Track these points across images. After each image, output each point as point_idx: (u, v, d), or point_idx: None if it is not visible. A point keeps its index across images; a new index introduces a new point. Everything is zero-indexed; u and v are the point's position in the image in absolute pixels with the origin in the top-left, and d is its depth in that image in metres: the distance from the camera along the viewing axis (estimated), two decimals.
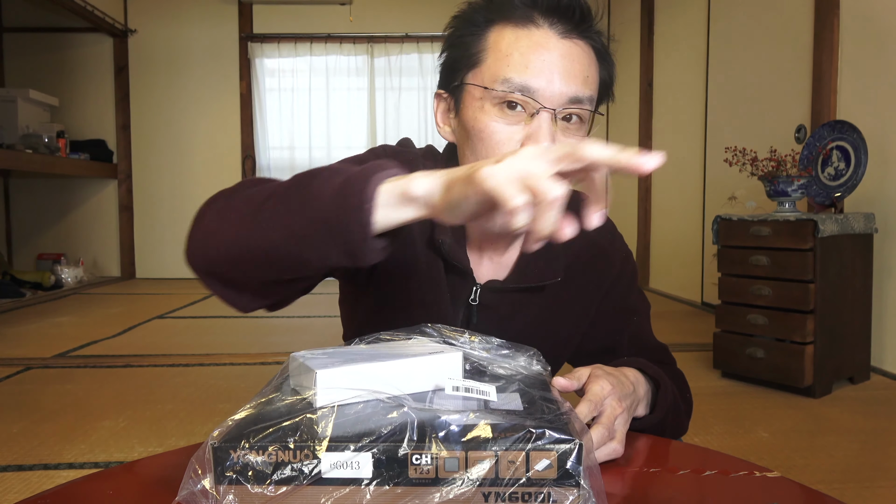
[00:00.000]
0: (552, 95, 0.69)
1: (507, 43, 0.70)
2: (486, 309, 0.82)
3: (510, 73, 0.69)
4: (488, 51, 0.71)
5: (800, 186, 2.51)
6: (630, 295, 0.89)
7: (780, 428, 2.08)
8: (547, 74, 0.69)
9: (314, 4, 5.85)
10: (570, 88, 0.70)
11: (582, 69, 0.71)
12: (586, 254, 0.85)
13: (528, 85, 0.69)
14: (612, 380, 0.66)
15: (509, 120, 0.70)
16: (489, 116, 0.70)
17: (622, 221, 5.75)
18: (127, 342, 3.38)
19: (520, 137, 0.70)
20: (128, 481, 0.61)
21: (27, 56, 5.81)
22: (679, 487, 0.58)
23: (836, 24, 2.99)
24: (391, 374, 0.58)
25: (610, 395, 0.64)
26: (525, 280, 0.81)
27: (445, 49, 0.76)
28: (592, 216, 0.49)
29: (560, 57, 0.70)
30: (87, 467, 1.78)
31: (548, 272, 0.81)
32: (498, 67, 0.70)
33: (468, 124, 0.73)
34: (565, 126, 0.71)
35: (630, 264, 0.90)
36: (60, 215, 5.95)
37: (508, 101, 0.70)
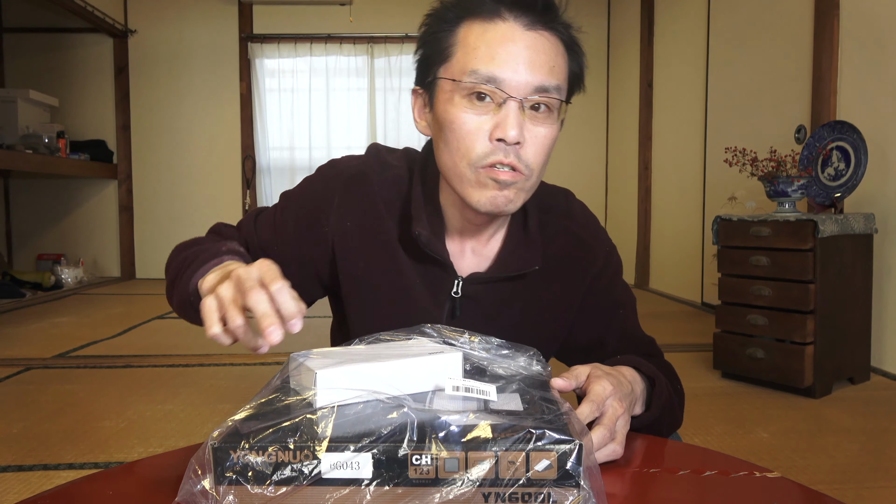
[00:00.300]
0: (518, 85, 0.71)
1: (474, 37, 0.72)
2: (470, 301, 0.83)
3: (477, 64, 0.71)
4: (458, 45, 0.74)
5: (800, 187, 2.51)
6: (615, 288, 0.90)
7: (780, 428, 2.08)
8: (512, 65, 0.71)
9: (314, 5, 5.85)
10: (535, 78, 0.72)
11: (548, 59, 0.73)
12: (567, 245, 0.86)
13: (495, 75, 0.71)
14: (613, 380, 0.67)
15: (478, 111, 0.72)
16: (459, 108, 0.73)
17: (622, 222, 5.75)
18: (127, 342, 3.38)
19: (489, 127, 0.72)
20: (128, 482, 0.61)
21: (27, 56, 5.81)
22: (679, 488, 0.58)
23: (835, 25, 2.99)
24: (391, 374, 0.58)
25: (611, 395, 0.65)
26: (506, 270, 0.82)
27: (420, 47, 0.79)
28: (268, 334, 0.54)
29: (525, 48, 0.72)
30: (87, 468, 1.78)
31: (528, 261, 0.82)
32: (466, 60, 0.72)
33: (440, 117, 0.75)
34: (534, 115, 0.73)
35: (614, 258, 0.91)
36: (60, 216, 5.95)
37: (477, 92, 0.72)
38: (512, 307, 0.84)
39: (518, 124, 0.71)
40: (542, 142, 0.74)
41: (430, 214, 0.81)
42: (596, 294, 0.88)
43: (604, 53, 6.12)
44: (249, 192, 5.98)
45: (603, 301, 0.88)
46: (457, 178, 0.75)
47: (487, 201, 0.73)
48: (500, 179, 0.72)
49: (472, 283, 0.82)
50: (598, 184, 6.22)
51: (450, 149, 0.74)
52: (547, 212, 0.87)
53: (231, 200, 6.02)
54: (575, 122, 6.15)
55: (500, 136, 0.71)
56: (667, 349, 3.16)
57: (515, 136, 0.70)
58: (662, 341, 0.93)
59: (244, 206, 5.99)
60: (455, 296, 0.82)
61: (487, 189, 0.73)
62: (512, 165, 0.72)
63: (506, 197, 0.73)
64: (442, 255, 0.80)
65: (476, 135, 0.72)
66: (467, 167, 0.73)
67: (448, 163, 0.75)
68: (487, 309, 0.83)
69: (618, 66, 5.90)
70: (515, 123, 0.71)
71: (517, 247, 0.83)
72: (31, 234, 5.94)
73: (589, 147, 6.18)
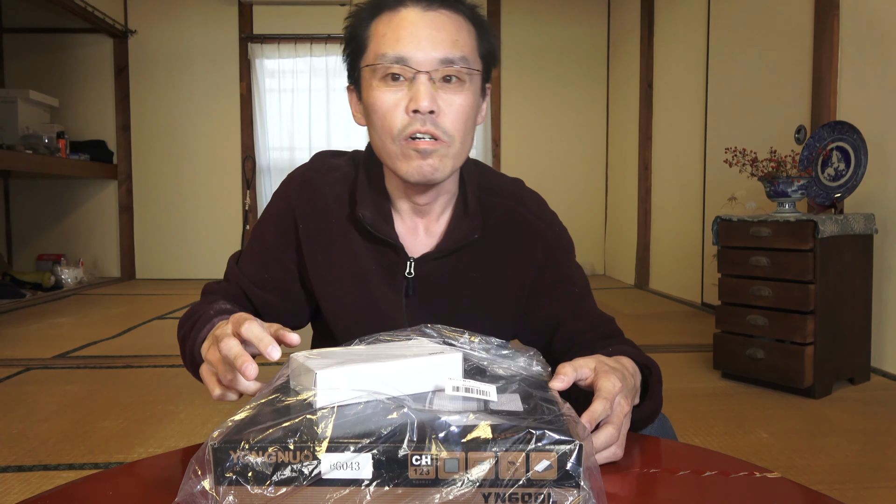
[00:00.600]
0: (424, 60, 0.78)
1: (382, 25, 0.80)
2: (423, 281, 0.88)
3: (385, 48, 0.78)
4: (371, 37, 0.81)
5: (800, 187, 2.51)
6: (567, 267, 0.93)
7: (781, 428, 2.08)
8: (415, 42, 0.78)
9: (314, 5, 5.85)
10: (439, 52, 0.78)
11: (449, 35, 0.79)
12: (511, 221, 0.90)
13: (401, 55, 0.78)
14: (619, 375, 0.66)
15: (394, 89, 0.79)
16: (377, 90, 0.80)
17: (622, 222, 5.75)
18: (127, 343, 3.38)
19: (405, 102, 0.78)
20: (128, 482, 0.61)
21: (27, 57, 5.81)
22: (679, 488, 0.58)
23: (835, 25, 2.99)
24: (391, 374, 0.58)
25: (619, 392, 0.64)
26: (450, 243, 0.87)
27: (344, 47, 0.87)
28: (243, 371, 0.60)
29: (425, 27, 0.78)
30: (86, 468, 1.78)
31: (467, 232, 0.87)
32: (377, 47, 0.80)
33: (366, 103, 0.83)
34: (446, 86, 0.79)
35: (565, 238, 0.95)
36: (60, 216, 5.95)
37: (390, 73, 0.79)
38: (464, 286, 0.89)
39: (429, 95, 0.77)
40: (458, 109, 0.79)
41: (376, 199, 0.88)
42: (547, 272, 0.91)
43: (604, 54, 6.13)
44: (249, 193, 5.98)
45: (555, 278, 0.91)
46: (386, 155, 0.82)
47: (415, 171, 0.79)
48: (421, 149, 0.78)
49: (424, 262, 0.87)
50: (599, 184, 6.22)
51: (376, 129, 0.81)
52: (490, 192, 0.92)
53: (231, 200, 6.02)
54: (575, 122, 6.15)
55: (415, 108, 0.77)
56: (667, 349, 3.15)
57: (428, 106, 0.77)
58: (662, 341, 0.94)
59: (244, 206, 5.99)
60: (409, 276, 0.87)
61: (412, 160, 0.79)
62: (430, 133, 0.78)
63: (431, 165, 0.79)
64: (390, 237, 0.86)
65: (394, 110, 0.79)
66: (391, 142, 0.80)
67: (378, 143, 0.82)
68: (440, 288, 0.88)
69: (618, 67, 5.90)
70: (426, 94, 0.77)
71: (460, 221, 0.88)
72: (31, 234, 5.94)
73: (589, 147, 6.18)
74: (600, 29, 6.11)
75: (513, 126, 6.10)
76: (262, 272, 0.91)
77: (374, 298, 0.88)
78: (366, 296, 0.88)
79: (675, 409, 2.25)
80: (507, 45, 5.99)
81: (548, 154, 6.13)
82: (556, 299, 0.91)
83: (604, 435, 0.60)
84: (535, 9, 6.01)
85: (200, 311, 0.79)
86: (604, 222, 6.23)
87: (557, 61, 6.08)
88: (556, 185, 6.00)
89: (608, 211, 6.19)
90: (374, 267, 0.88)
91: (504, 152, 6.10)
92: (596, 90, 6.15)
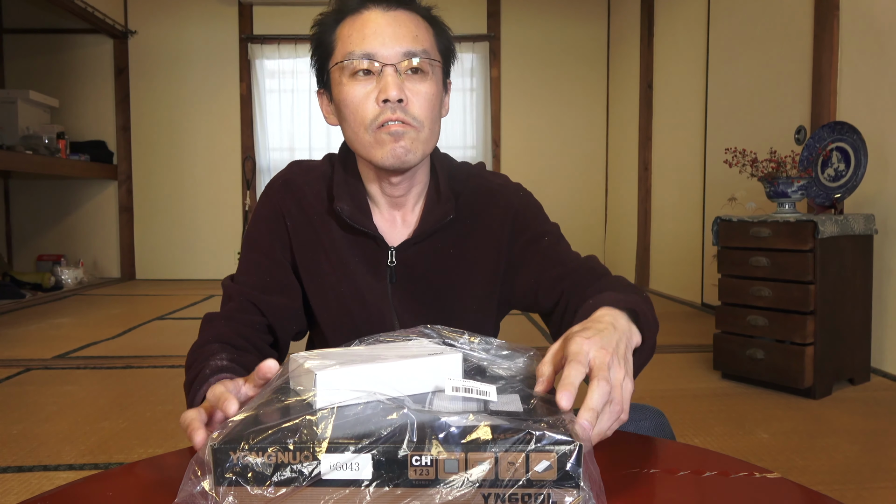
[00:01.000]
0: (389, 54, 0.83)
1: (347, 28, 0.86)
2: (405, 268, 0.92)
3: (352, 46, 0.84)
4: (337, 40, 0.87)
5: (800, 188, 2.51)
6: (538, 224, 0.96)
7: (780, 429, 2.08)
8: (380, 39, 0.84)
9: (314, 6, 5.85)
10: (402, 46, 0.84)
11: (409, 31, 0.85)
12: (479, 194, 0.95)
13: (367, 51, 0.83)
14: (588, 333, 0.62)
15: (363, 83, 0.84)
16: (348, 86, 0.85)
17: (622, 222, 5.75)
18: (127, 343, 3.38)
19: (375, 94, 0.83)
20: (127, 483, 0.61)
21: (27, 57, 5.82)
22: (679, 489, 0.58)
23: (835, 26, 2.99)
24: (391, 375, 0.58)
25: (592, 346, 0.60)
26: (427, 227, 0.91)
27: (312, 53, 0.92)
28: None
29: (387, 24, 0.84)
30: (86, 468, 1.78)
31: (442, 214, 0.91)
32: (345, 47, 0.85)
33: (337, 100, 0.87)
34: (411, 77, 0.85)
35: (531, 200, 0.98)
36: (60, 216, 5.95)
37: (358, 69, 0.84)
38: (444, 266, 0.93)
39: (397, 85, 0.82)
40: (425, 97, 0.85)
41: (353, 193, 0.92)
42: (520, 234, 0.94)
43: (604, 54, 6.13)
44: (249, 193, 5.99)
45: (529, 238, 0.94)
46: (360, 146, 0.86)
47: (389, 154, 0.84)
48: (393, 131, 0.83)
49: (404, 249, 0.91)
50: (599, 185, 6.22)
51: (348, 122, 0.86)
52: (458, 178, 0.97)
53: (231, 201, 6.02)
54: (575, 122, 6.15)
55: (384, 97, 0.82)
56: (667, 350, 3.15)
57: (396, 95, 0.82)
58: (662, 342, 0.94)
59: (244, 206, 5.99)
60: (391, 265, 0.91)
61: (386, 145, 0.84)
62: (401, 119, 0.83)
63: (403, 147, 0.84)
64: (369, 228, 0.90)
65: (365, 102, 0.84)
66: (365, 131, 0.85)
67: (351, 135, 0.87)
68: (422, 272, 0.92)
69: (618, 67, 5.90)
70: (394, 84, 0.82)
71: (433, 206, 0.93)
72: (31, 234, 5.94)
73: (589, 148, 6.18)
74: (600, 29, 6.12)
75: (513, 126, 6.10)
76: (263, 277, 0.92)
77: (360, 289, 0.91)
78: (351, 288, 0.91)
79: (675, 410, 2.25)
80: (507, 46, 6.00)
81: (548, 154, 6.13)
82: (532, 257, 0.93)
83: (596, 393, 0.55)
84: (535, 9, 6.01)
85: (198, 365, 0.80)
86: (603, 223, 6.23)
87: (557, 61, 6.08)
88: (555, 185, 6.00)
89: (608, 211, 6.19)
90: (357, 259, 0.91)
91: (504, 152, 6.10)
92: (596, 90, 6.15)
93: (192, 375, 0.80)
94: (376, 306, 0.91)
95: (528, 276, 0.92)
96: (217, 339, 0.85)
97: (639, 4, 5.27)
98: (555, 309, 0.90)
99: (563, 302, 0.88)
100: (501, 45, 5.98)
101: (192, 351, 0.85)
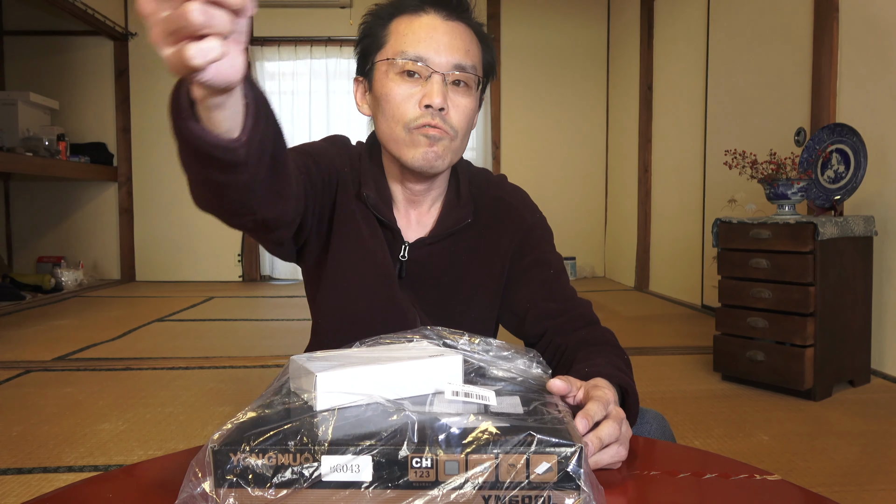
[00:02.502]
0: (440, 62, 0.86)
1: (404, 26, 0.88)
2: (416, 264, 0.94)
3: (407, 47, 0.86)
4: (390, 35, 0.89)
5: (799, 189, 2.52)
6: (544, 251, 0.98)
7: (781, 431, 2.08)
8: (435, 46, 0.86)
9: (314, 8, 5.86)
10: (454, 57, 0.87)
11: (463, 44, 0.88)
12: (497, 208, 0.98)
13: (421, 55, 0.86)
14: (610, 392, 0.67)
15: (409, 84, 0.87)
16: (393, 82, 0.87)
17: (622, 224, 5.75)
18: (127, 345, 3.38)
19: (418, 96, 0.86)
20: (127, 484, 0.61)
21: (28, 59, 5.82)
22: (679, 490, 0.58)
23: (835, 27, 2.99)
24: (391, 377, 0.58)
25: (613, 401, 0.65)
26: (444, 229, 0.94)
27: (359, 41, 0.93)
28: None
29: (444, 34, 0.87)
30: (86, 470, 1.78)
31: (460, 218, 0.94)
32: (398, 44, 0.87)
33: (378, 93, 0.89)
34: (455, 88, 0.88)
35: (544, 225, 1.01)
36: (60, 218, 5.95)
37: (407, 70, 0.86)
38: (454, 267, 0.95)
39: (442, 93, 0.85)
40: (463, 110, 0.88)
41: (378, 184, 0.94)
42: (525, 254, 0.97)
43: (603, 56, 6.13)
44: None
45: (532, 261, 0.97)
46: (393, 142, 0.88)
47: (420, 156, 0.87)
48: (430, 135, 0.86)
49: (418, 247, 0.93)
50: (598, 186, 6.22)
51: (386, 117, 0.88)
52: (479, 184, 1.00)
53: None
54: (575, 124, 6.16)
55: (428, 103, 0.85)
56: (667, 352, 3.15)
57: (440, 103, 0.85)
58: (662, 343, 0.94)
59: None
60: (402, 259, 0.93)
61: (420, 146, 0.86)
62: (439, 126, 0.86)
63: (435, 152, 0.87)
64: (390, 220, 0.92)
65: (408, 102, 0.86)
66: (402, 130, 0.87)
67: (385, 130, 0.89)
68: (432, 270, 0.94)
69: (617, 69, 5.90)
70: (439, 92, 0.85)
71: (452, 209, 0.96)
72: (31, 236, 5.94)
73: (589, 149, 6.18)
74: (600, 31, 6.12)
75: (512, 128, 6.10)
76: (314, 162, 0.90)
77: (373, 273, 0.92)
78: (367, 268, 0.92)
79: (675, 412, 2.25)
80: (507, 48, 6.00)
81: (547, 156, 6.13)
82: (531, 280, 0.96)
83: (606, 428, 0.59)
84: (535, 11, 6.01)
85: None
86: (604, 224, 6.23)
87: (557, 63, 6.08)
88: (555, 187, 6.00)
89: (608, 213, 6.19)
90: (375, 245, 0.93)
91: (504, 154, 6.10)
92: (596, 92, 6.16)
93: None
94: (382, 293, 0.92)
95: (523, 299, 0.96)
96: None
97: (639, 6, 5.27)
98: (536, 343, 0.94)
99: (547, 339, 0.92)
100: (501, 47, 5.98)
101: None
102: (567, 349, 0.89)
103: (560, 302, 0.94)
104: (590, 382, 0.68)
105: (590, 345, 0.88)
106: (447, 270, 0.95)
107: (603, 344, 0.88)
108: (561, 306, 0.93)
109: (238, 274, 6.06)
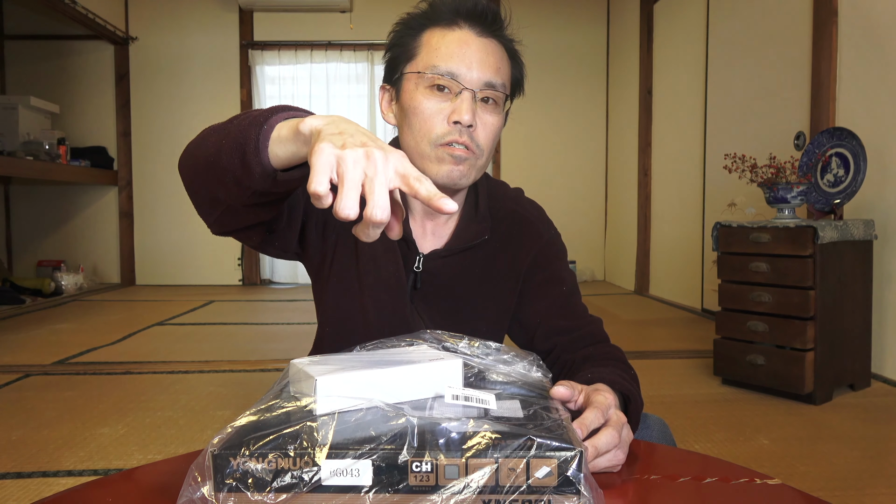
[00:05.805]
0: (472, 79, 0.85)
1: (436, 39, 0.86)
2: (430, 276, 0.93)
3: (438, 61, 0.85)
4: (422, 46, 0.87)
5: (799, 193, 2.52)
6: (558, 268, 0.99)
7: (781, 435, 2.07)
8: (467, 62, 0.85)
9: (315, 12, 5.87)
10: (485, 74, 0.85)
11: (495, 61, 0.87)
12: (514, 223, 0.98)
13: (452, 70, 0.84)
14: (612, 396, 0.68)
15: (438, 99, 0.85)
16: (423, 96, 0.86)
17: (622, 228, 5.75)
18: (126, 349, 3.38)
19: (447, 112, 0.84)
20: (127, 489, 0.61)
21: (28, 63, 5.83)
22: (679, 495, 0.58)
23: (834, 31, 3.00)
24: (391, 381, 0.58)
25: (613, 406, 0.65)
26: (460, 242, 0.93)
27: (388, 50, 0.92)
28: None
29: (477, 50, 0.86)
30: (86, 474, 1.77)
31: (478, 233, 0.94)
32: (429, 58, 0.86)
33: (406, 105, 0.88)
34: (483, 105, 0.87)
35: (559, 242, 1.01)
36: (61, 222, 5.95)
37: (437, 84, 0.85)
38: (467, 280, 0.94)
39: (471, 110, 0.84)
40: (491, 128, 0.87)
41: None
42: (539, 270, 0.97)
43: (603, 60, 6.14)
44: None
45: (545, 277, 0.97)
46: (418, 156, 0.87)
47: (445, 174, 0.85)
48: (456, 155, 0.85)
49: (432, 259, 0.93)
50: (598, 190, 6.22)
51: (413, 130, 0.87)
52: (497, 198, 0.99)
53: None
54: (574, 128, 6.16)
55: (457, 119, 0.83)
56: (667, 356, 3.14)
57: (469, 120, 0.83)
58: (662, 347, 0.94)
59: None
60: (417, 270, 0.93)
61: (445, 164, 0.85)
62: (465, 144, 0.85)
63: (460, 171, 0.86)
64: (405, 230, 0.90)
65: (436, 117, 0.85)
66: (428, 145, 0.85)
67: (411, 143, 0.87)
68: (446, 282, 0.93)
69: (617, 73, 5.91)
70: (469, 109, 0.84)
71: (469, 223, 0.95)
72: (31, 240, 5.94)
73: (589, 154, 6.19)
74: (600, 35, 6.13)
75: (512, 132, 6.10)
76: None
77: (381, 286, 0.91)
78: (374, 280, 0.91)
79: (676, 416, 2.25)
80: None
81: (547, 160, 6.14)
82: (544, 297, 0.96)
83: (604, 437, 0.60)
84: (535, 15, 6.03)
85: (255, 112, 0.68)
86: (604, 228, 6.24)
87: (557, 67, 6.09)
88: (555, 191, 6.00)
89: (608, 217, 6.19)
90: (388, 257, 0.92)
91: (504, 158, 6.11)
92: (595, 96, 6.17)
93: (237, 121, 0.67)
94: (393, 306, 0.91)
95: (534, 314, 0.96)
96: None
97: (638, 11, 5.29)
98: (544, 360, 0.93)
99: (555, 356, 0.93)
100: None
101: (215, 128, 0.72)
102: (574, 364, 0.90)
103: (571, 319, 0.94)
104: (591, 387, 0.68)
105: (596, 360, 0.88)
106: (460, 283, 0.94)
107: (609, 359, 0.88)
108: (571, 324, 0.94)
109: (238, 277, 6.06)
